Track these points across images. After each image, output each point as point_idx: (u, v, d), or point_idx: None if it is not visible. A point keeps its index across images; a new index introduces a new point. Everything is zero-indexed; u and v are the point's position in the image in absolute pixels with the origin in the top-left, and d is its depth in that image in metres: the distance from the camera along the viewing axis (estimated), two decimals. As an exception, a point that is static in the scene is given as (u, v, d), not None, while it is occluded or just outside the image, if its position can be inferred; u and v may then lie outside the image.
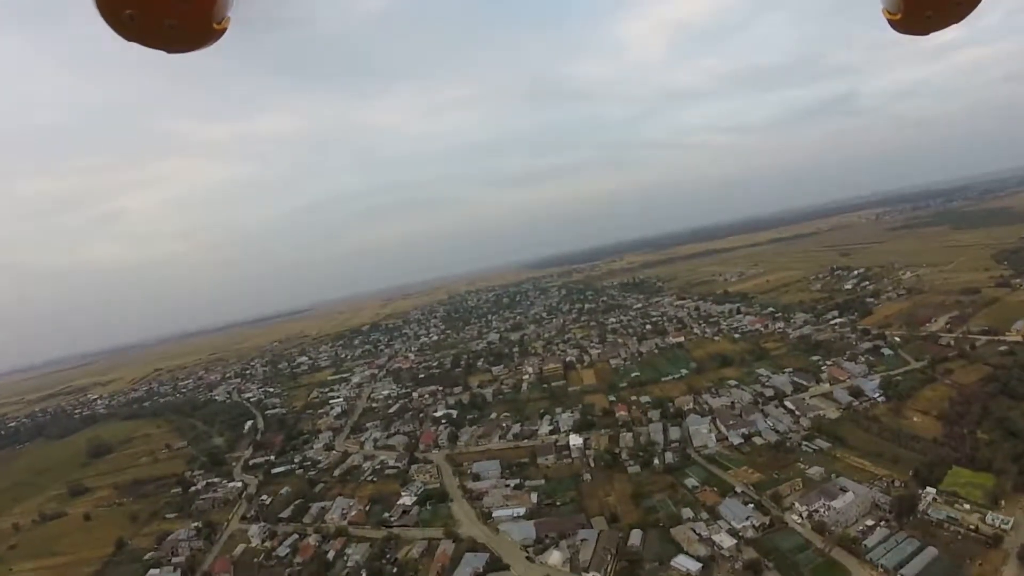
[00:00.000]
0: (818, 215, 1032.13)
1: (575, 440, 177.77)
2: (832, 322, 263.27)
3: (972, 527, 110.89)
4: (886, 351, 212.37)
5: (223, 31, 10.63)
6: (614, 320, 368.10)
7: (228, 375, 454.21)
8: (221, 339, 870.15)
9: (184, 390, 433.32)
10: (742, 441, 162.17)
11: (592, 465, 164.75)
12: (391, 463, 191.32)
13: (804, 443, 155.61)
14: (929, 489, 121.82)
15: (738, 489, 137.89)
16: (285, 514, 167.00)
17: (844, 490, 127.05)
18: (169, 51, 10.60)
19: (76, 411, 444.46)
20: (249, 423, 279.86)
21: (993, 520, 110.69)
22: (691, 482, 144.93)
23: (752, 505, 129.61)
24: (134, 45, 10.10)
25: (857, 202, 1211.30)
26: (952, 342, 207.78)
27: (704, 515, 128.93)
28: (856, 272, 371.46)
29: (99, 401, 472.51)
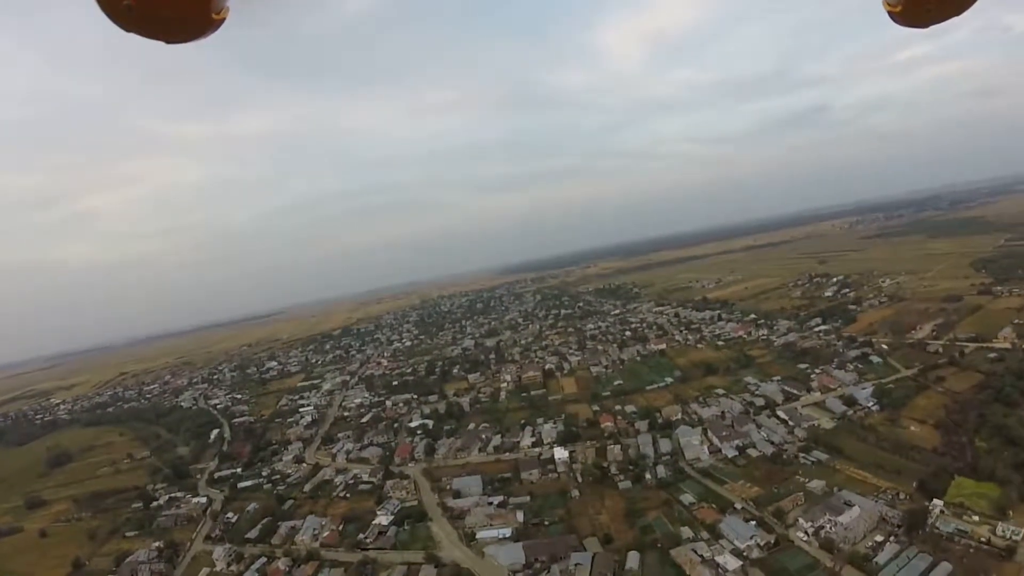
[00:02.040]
0: (791, 224, 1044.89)
1: (560, 453, 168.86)
2: (816, 329, 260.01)
3: (983, 540, 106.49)
4: (875, 359, 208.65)
5: (222, 21, 10.49)
6: (592, 326, 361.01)
7: (195, 380, 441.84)
8: (190, 342, 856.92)
9: (149, 395, 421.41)
10: (736, 453, 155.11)
11: (580, 480, 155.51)
12: (365, 478, 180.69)
13: (802, 455, 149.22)
14: (936, 501, 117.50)
15: (738, 505, 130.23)
16: (252, 534, 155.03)
17: (849, 504, 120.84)
18: (168, 41, 10.50)
19: (37, 416, 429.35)
20: (215, 432, 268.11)
21: (1004, 531, 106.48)
22: (687, 498, 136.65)
23: (754, 522, 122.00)
24: (132, 36, 9.98)
25: (829, 211, 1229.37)
26: (940, 349, 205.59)
27: (704, 534, 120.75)
28: (835, 279, 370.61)
29: (62, 406, 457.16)
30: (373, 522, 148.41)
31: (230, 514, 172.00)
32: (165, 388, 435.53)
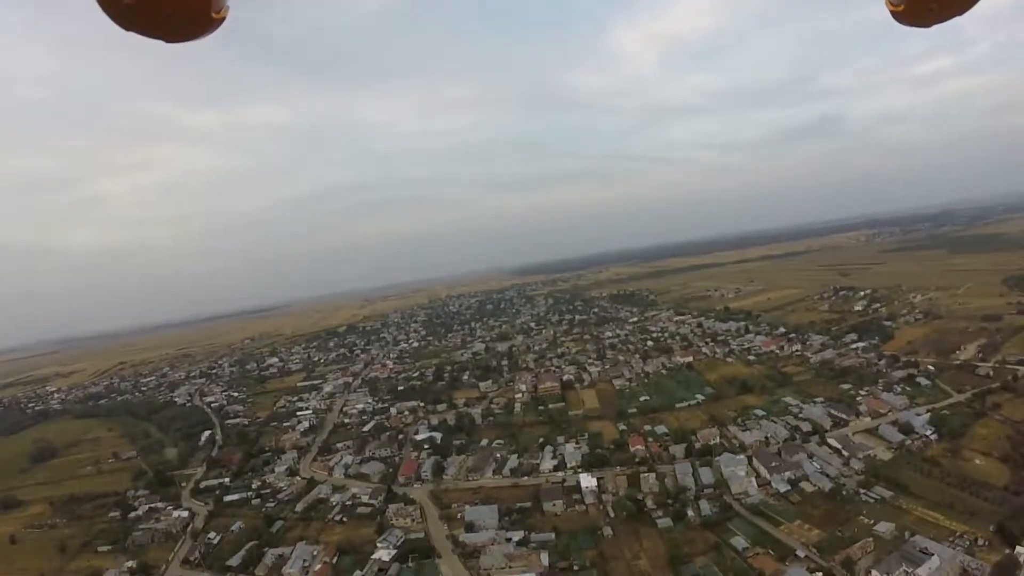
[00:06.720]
0: (806, 234, 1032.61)
1: (587, 481, 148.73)
2: (853, 346, 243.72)
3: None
4: (922, 381, 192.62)
5: (222, 20, 10.27)
6: (610, 334, 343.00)
7: (193, 374, 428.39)
8: (193, 333, 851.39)
9: (145, 387, 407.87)
10: (789, 488, 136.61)
11: (612, 515, 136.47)
12: (365, 499, 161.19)
13: (863, 491, 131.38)
14: (1020, 549, 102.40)
15: (800, 552, 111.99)
16: (234, 561, 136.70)
17: (927, 552, 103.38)
18: (168, 41, 10.28)
19: (30, 404, 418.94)
20: (207, 433, 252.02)
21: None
22: (739, 542, 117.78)
23: (820, 574, 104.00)
24: (132, 34, 9.70)
25: (844, 223, 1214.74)
26: (991, 372, 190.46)
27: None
28: (863, 293, 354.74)
29: (56, 395, 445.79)
30: (372, 556, 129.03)
31: (212, 534, 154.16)
32: (162, 381, 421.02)
